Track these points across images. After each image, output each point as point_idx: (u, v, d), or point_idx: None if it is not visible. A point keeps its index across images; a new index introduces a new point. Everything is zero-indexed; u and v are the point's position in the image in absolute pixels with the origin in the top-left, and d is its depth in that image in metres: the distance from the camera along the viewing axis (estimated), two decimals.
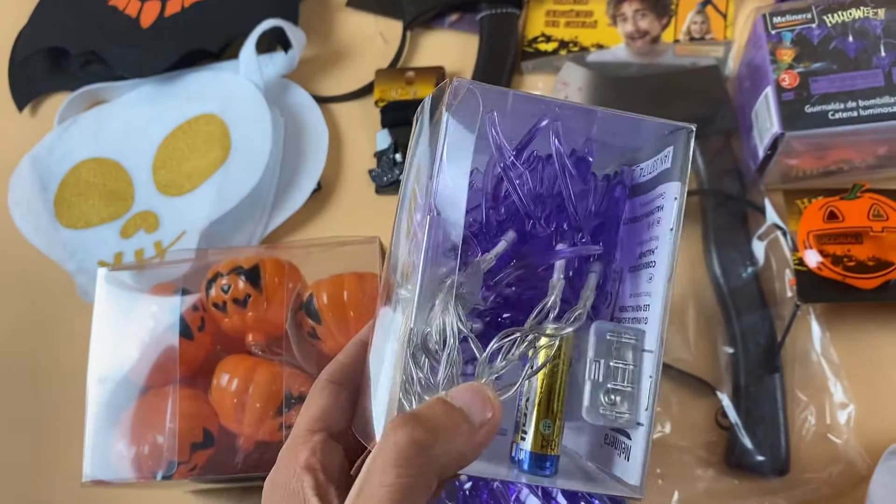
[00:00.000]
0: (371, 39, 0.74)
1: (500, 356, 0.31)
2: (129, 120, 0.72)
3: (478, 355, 0.31)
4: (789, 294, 0.58)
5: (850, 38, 0.54)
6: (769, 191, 0.60)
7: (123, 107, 0.73)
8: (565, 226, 0.35)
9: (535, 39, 0.70)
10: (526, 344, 0.31)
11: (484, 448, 0.30)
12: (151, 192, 0.69)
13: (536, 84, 0.68)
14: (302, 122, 0.71)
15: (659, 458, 0.57)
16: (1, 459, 0.63)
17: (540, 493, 0.50)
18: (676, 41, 0.67)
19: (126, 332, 0.55)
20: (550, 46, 0.69)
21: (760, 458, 0.55)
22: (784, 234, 0.58)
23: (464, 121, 0.32)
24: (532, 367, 0.32)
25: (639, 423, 0.32)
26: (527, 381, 0.32)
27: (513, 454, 0.33)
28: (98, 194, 0.69)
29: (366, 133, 0.70)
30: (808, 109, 0.53)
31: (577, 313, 0.32)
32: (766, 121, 0.55)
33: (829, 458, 0.55)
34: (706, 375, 0.58)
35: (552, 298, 0.32)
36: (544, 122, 0.34)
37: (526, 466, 0.33)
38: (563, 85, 0.66)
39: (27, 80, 0.77)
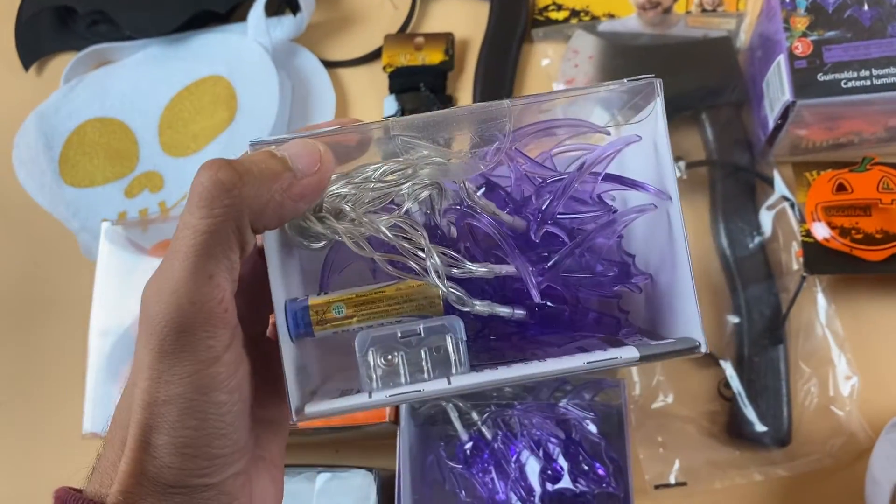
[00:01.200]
0: (380, 4, 0.73)
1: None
2: (135, 80, 0.72)
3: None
4: (795, 266, 0.58)
5: (866, 7, 0.54)
6: (778, 163, 0.60)
7: (130, 67, 0.73)
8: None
9: (545, 8, 0.69)
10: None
11: (306, 202, 0.29)
12: (156, 152, 0.68)
13: (546, 52, 0.67)
14: (309, 85, 0.70)
15: (661, 427, 0.57)
16: (3, 414, 0.63)
17: (541, 454, 0.50)
18: (688, 12, 0.67)
19: (128, 287, 0.55)
20: (561, 15, 0.68)
21: (762, 428, 0.54)
22: (792, 205, 0.58)
23: None
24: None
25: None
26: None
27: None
28: (103, 154, 0.69)
29: (373, 98, 0.70)
30: (821, 78, 0.53)
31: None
32: (778, 89, 0.55)
33: (831, 430, 0.55)
34: (709, 345, 0.58)
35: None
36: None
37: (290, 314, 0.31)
38: (574, 53, 0.65)
39: (34, 38, 0.76)
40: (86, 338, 0.55)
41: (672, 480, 0.55)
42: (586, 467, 0.50)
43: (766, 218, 0.59)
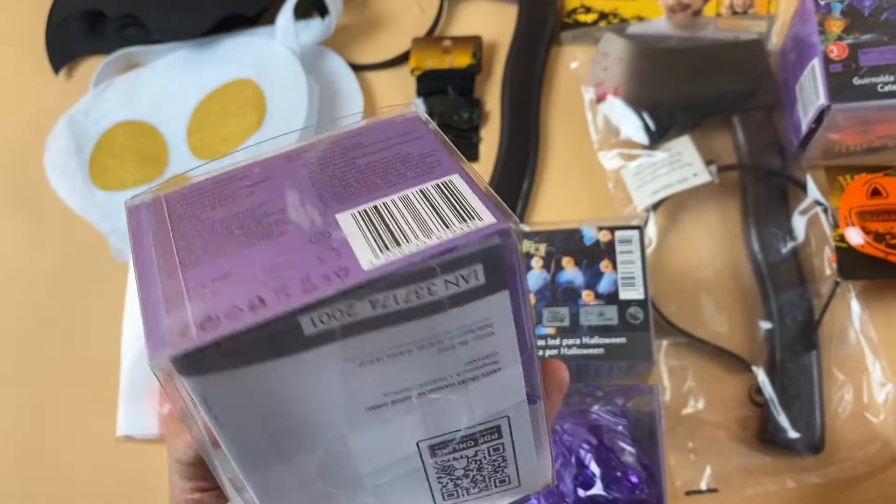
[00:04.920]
0: (408, 7, 0.73)
1: None
2: (164, 84, 0.72)
3: None
4: (828, 271, 0.57)
5: None
6: (811, 167, 0.59)
7: (159, 71, 0.73)
8: None
9: (574, 10, 0.69)
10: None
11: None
12: (186, 155, 0.69)
13: (575, 55, 0.67)
14: (337, 89, 0.71)
15: (691, 433, 0.56)
16: (39, 417, 0.63)
17: (573, 460, 0.50)
18: (718, 15, 0.66)
19: None
20: (590, 17, 0.68)
21: (795, 435, 0.54)
22: (825, 210, 0.58)
23: None
24: None
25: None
26: None
27: None
28: (133, 157, 0.70)
29: (401, 102, 0.70)
30: (857, 82, 0.52)
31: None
32: (812, 93, 0.54)
33: (865, 437, 0.54)
34: (740, 351, 0.58)
35: None
36: None
37: None
38: (603, 56, 0.65)
39: (64, 42, 0.77)
40: (118, 340, 0.55)
41: (703, 487, 0.55)
42: (619, 473, 0.50)
43: (798, 223, 0.58)
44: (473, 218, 0.23)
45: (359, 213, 0.25)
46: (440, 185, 0.25)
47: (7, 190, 0.72)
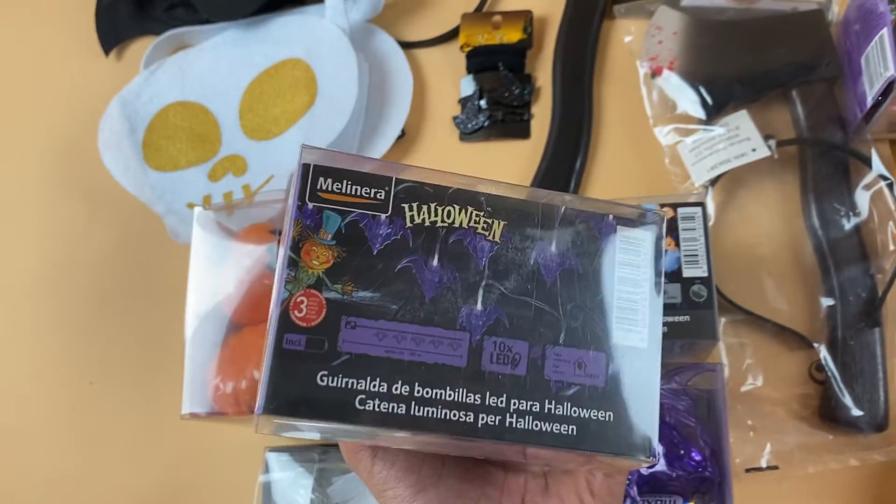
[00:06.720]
0: None
1: None
2: (214, 64, 0.73)
3: None
4: (892, 246, 0.56)
5: None
6: (875, 140, 0.58)
7: (209, 51, 0.73)
8: None
9: None
10: None
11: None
12: (238, 135, 0.69)
13: (629, 29, 0.66)
14: (386, 67, 0.70)
15: (751, 411, 0.56)
16: (107, 396, 0.65)
17: None
18: None
19: (222, 269, 0.56)
20: None
21: (858, 412, 0.53)
22: (890, 185, 0.56)
23: None
24: None
25: None
26: None
27: None
28: (185, 138, 0.70)
29: (450, 79, 0.70)
30: None
31: None
32: (880, 65, 0.53)
33: None
34: (800, 328, 0.57)
35: None
36: None
37: None
38: (658, 30, 0.64)
39: (113, 24, 0.77)
40: (181, 320, 0.56)
41: (763, 464, 0.55)
42: (682, 451, 0.50)
43: (861, 197, 0.57)
44: None
45: None
46: None
47: (62, 171, 0.73)
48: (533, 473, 0.35)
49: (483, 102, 0.68)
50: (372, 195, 0.30)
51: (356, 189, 0.30)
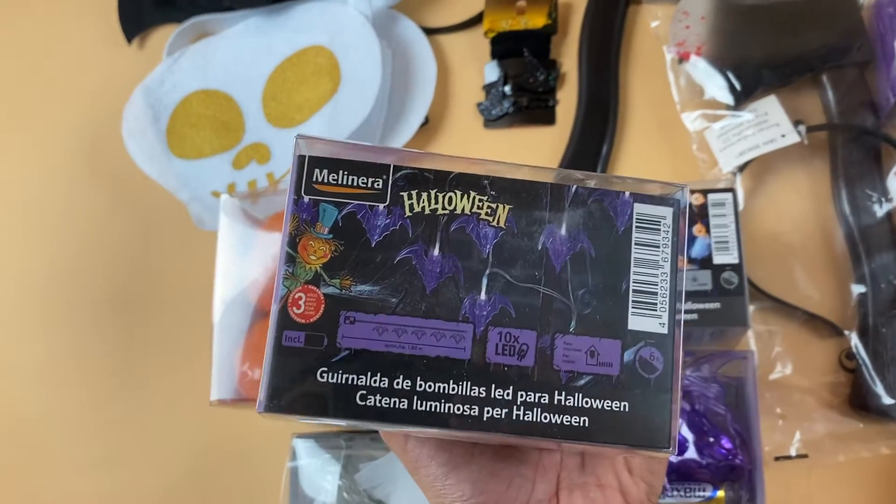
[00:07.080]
0: None
1: None
2: (237, 52, 0.72)
3: None
4: None
5: None
6: None
7: (232, 39, 0.73)
8: None
9: None
10: None
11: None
12: (262, 123, 0.69)
13: (655, 13, 0.65)
14: (410, 54, 0.70)
15: (780, 399, 0.56)
16: (136, 383, 0.65)
17: None
18: None
19: (248, 257, 0.56)
20: None
21: (889, 401, 0.53)
22: None
23: None
24: None
25: None
26: None
27: None
28: (209, 125, 0.70)
29: (474, 65, 0.69)
30: None
31: None
32: None
33: None
34: (830, 316, 0.56)
35: None
36: None
37: None
38: (685, 14, 0.63)
39: (135, 12, 0.77)
40: (207, 307, 0.56)
41: (793, 453, 0.54)
42: (712, 439, 0.50)
43: (894, 183, 0.56)
44: None
45: None
46: None
47: (87, 159, 0.73)
48: (569, 451, 0.34)
49: (507, 89, 0.67)
50: (369, 185, 0.29)
51: (353, 179, 0.29)
